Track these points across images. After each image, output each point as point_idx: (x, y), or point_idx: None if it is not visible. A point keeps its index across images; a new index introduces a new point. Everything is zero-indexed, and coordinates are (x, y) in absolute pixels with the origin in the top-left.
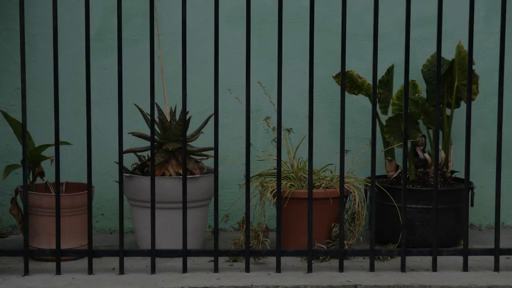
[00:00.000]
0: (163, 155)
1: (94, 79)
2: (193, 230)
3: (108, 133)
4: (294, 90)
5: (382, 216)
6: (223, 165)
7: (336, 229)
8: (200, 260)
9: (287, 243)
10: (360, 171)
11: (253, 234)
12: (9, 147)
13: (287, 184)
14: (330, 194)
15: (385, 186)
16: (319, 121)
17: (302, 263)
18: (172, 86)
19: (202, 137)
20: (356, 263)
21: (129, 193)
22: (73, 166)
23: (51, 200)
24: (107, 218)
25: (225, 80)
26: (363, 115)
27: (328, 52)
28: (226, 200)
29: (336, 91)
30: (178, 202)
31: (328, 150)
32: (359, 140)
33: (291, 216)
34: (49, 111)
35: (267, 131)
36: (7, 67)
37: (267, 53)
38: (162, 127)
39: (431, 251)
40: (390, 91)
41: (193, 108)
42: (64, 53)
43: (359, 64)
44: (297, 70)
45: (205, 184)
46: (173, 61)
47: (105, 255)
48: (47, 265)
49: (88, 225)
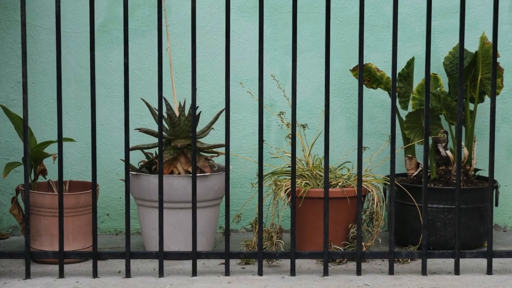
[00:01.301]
0: (172, 152)
1: (99, 72)
2: (203, 231)
3: (114, 129)
4: (310, 84)
5: (402, 217)
6: (234, 162)
7: (354, 230)
8: (211, 263)
9: (302, 244)
10: (378, 169)
11: (266, 235)
12: (10, 143)
13: (302, 183)
14: (347, 193)
15: (405, 185)
16: (336, 116)
17: (318, 265)
18: (181, 80)
19: (213, 133)
20: (375, 266)
21: (135, 192)
22: (77, 164)
23: (53, 199)
24: (112, 219)
25: (237, 74)
26: (382, 110)
27: (345, 44)
28: (238, 200)
29: (354, 85)
30: (187, 201)
31: (345, 147)
32: (377, 137)
33: (306, 217)
34: (52, 106)
35: (281, 127)
36: (7, 60)
37: (281, 45)
38: (171, 123)
39: (454, 253)
40: (411, 85)
41: (203, 103)
42: (68, 45)
43: (378, 56)
44: (313, 63)
45: (216, 182)
46: (182, 53)
47: (110, 257)
48: (50, 268)
49: (92, 226)
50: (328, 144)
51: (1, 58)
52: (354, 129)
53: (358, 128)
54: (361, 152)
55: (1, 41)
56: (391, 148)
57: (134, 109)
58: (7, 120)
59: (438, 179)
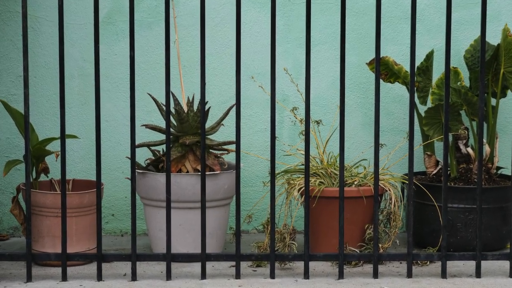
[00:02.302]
0: (180, 150)
1: (103, 66)
2: (213, 232)
3: (119, 126)
4: (324, 78)
5: (420, 217)
6: (245, 160)
7: (370, 231)
8: (220, 265)
9: (316, 246)
10: (396, 167)
11: (278, 237)
12: (10, 140)
13: (316, 182)
14: (363, 193)
15: (424, 184)
16: (352, 112)
17: (333, 268)
18: (189, 74)
19: (223, 130)
20: (392, 269)
21: (142, 191)
22: (80, 162)
23: (56, 199)
24: (118, 219)
25: (248, 67)
26: (399, 106)
27: (361, 36)
28: (249, 199)
29: (370, 79)
30: (196, 201)
31: (361, 144)
32: (395, 133)
33: (320, 217)
34: (54, 101)
35: (294, 123)
36: (8, 53)
37: (294, 37)
38: (179, 119)
39: (475, 255)
40: (430, 79)
41: (213, 98)
42: (71, 37)
43: (396, 49)
44: (327, 56)
45: (226, 181)
46: (191, 46)
47: (115, 259)
48: (52, 270)
49: (97, 227)
50: (344, 141)
51: (1, 51)
52: (371, 126)
53: (375, 124)
54: (378, 149)
55: (1, 33)
56: (409, 145)
57: (140, 104)
58: (8, 116)
59: (458, 178)
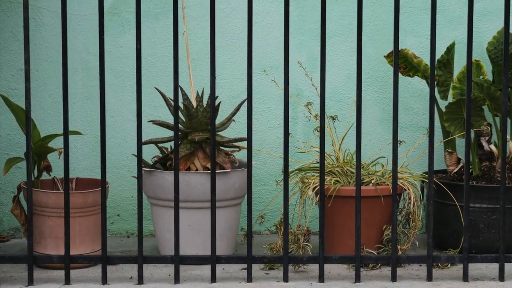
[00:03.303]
0: (189, 147)
1: (108, 59)
2: (223, 233)
3: (125, 121)
4: (340, 72)
5: (441, 217)
6: (257, 158)
7: (388, 232)
8: (231, 268)
9: (332, 248)
10: (415, 165)
11: (292, 238)
12: (11, 137)
13: (331, 180)
14: (381, 192)
15: (444, 183)
16: (369, 107)
17: (349, 271)
18: (198, 67)
19: (234, 126)
20: (411, 271)
21: (149, 190)
22: (84, 159)
23: (59, 198)
24: (123, 220)
25: (260, 60)
26: (419, 101)
27: (379, 28)
28: (261, 199)
29: (388, 73)
30: (205, 201)
31: (379, 141)
32: (414, 130)
33: (336, 217)
34: (57, 95)
35: (308, 118)
36: (8, 45)
37: (308, 28)
38: (187, 114)
39: (498, 257)
40: (451, 73)
41: (223, 92)
42: (74, 28)
43: (415, 41)
44: (343, 48)
45: (237, 180)
46: (200, 38)
47: (121, 262)
48: (55, 273)
49: (101, 228)
50: (360, 137)
51: (1, 44)
52: (389, 121)
53: (393, 120)
54: (397, 146)
55: (1, 24)
56: (429, 142)
57: (147, 99)
58: (8, 111)
59: (481, 176)
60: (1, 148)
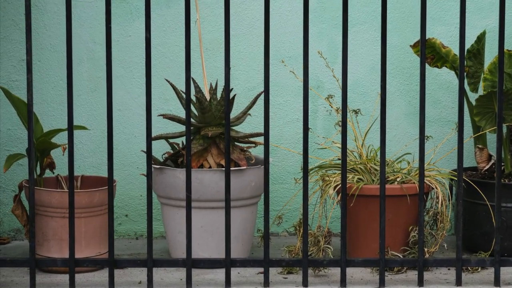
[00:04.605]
0: (201, 143)
1: (116, 48)
2: (238, 235)
3: (134, 115)
4: (363, 62)
5: (471, 218)
6: (275, 154)
7: (415, 233)
8: (247, 272)
9: (354, 250)
10: (444, 162)
11: (312, 240)
12: (11, 132)
13: (354, 178)
14: (407, 191)
15: (474, 181)
16: (394, 100)
17: (373, 275)
18: (212, 58)
19: (250, 120)
20: (439, 276)
21: (159, 189)
22: (90, 156)
23: (63, 197)
24: (132, 220)
25: (278, 50)
26: (447, 93)
27: (405, 16)
28: (279, 198)
29: (415, 64)
30: (219, 200)
31: (405, 136)
32: (442, 124)
33: (359, 218)
34: (61, 88)
35: (329, 112)
36: (9, 34)
37: (329, 16)
38: (200, 108)
39: None
40: (481, 64)
41: (239, 84)
42: (80, 16)
43: (443, 30)
44: (366, 37)
45: (253, 178)
46: (214, 27)
47: (129, 265)
48: (58, 278)
49: (108, 229)
50: (385, 132)
51: (1, 32)
52: (415, 115)
53: (420, 114)
54: (424, 142)
55: (2, 12)
56: (458, 138)
57: (157, 91)
58: (9, 104)
59: None
60: (1, 144)
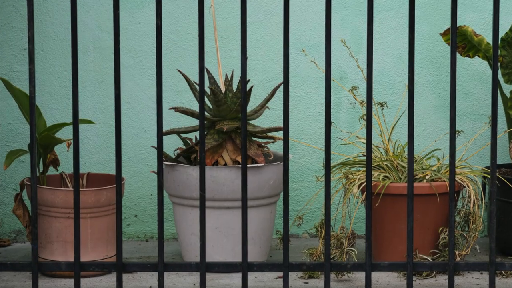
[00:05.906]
0: (216, 138)
1: (124, 37)
2: (256, 237)
3: (144, 108)
4: (389, 52)
5: (505, 218)
6: (295, 150)
7: (445, 235)
8: (265, 276)
9: (380, 253)
10: (476, 159)
11: (334, 242)
12: (12, 126)
13: (379, 176)
14: (436, 189)
15: (509, 179)
16: (422, 92)
17: (400, 280)
18: (227, 47)
19: (268, 114)
20: (471, 280)
21: (171, 187)
22: (97, 152)
23: (67, 196)
24: (141, 221)
25: (298, 38)
26: (480, 85)
27: (434, 1)
28: (299, 197)
29: (445, 53)
30: (235, 199)
31: (434, 131)
32: (474, 118)
33: (385, 218)
34: (65, 79)
35: (353, 105)
36: (9, 21)
37: (353, 2)
38: (215, 101)
39: None
40: None
41: (256, 75)
42: (85, 2)
43: (475, 17)
44: (393, 25)
45: (272, 175)
46: (229, 14)
47: (139, 269)
48: (63, 282)
49: (116, 230)
50: (413, 127)
51: (2, 20)
52: (446, 108)
53: (450, 107)
54: (454, 137)
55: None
56: (492, 132)
57: (168, 83)
58: (9, 97)
59: None
60: (2, 139)
